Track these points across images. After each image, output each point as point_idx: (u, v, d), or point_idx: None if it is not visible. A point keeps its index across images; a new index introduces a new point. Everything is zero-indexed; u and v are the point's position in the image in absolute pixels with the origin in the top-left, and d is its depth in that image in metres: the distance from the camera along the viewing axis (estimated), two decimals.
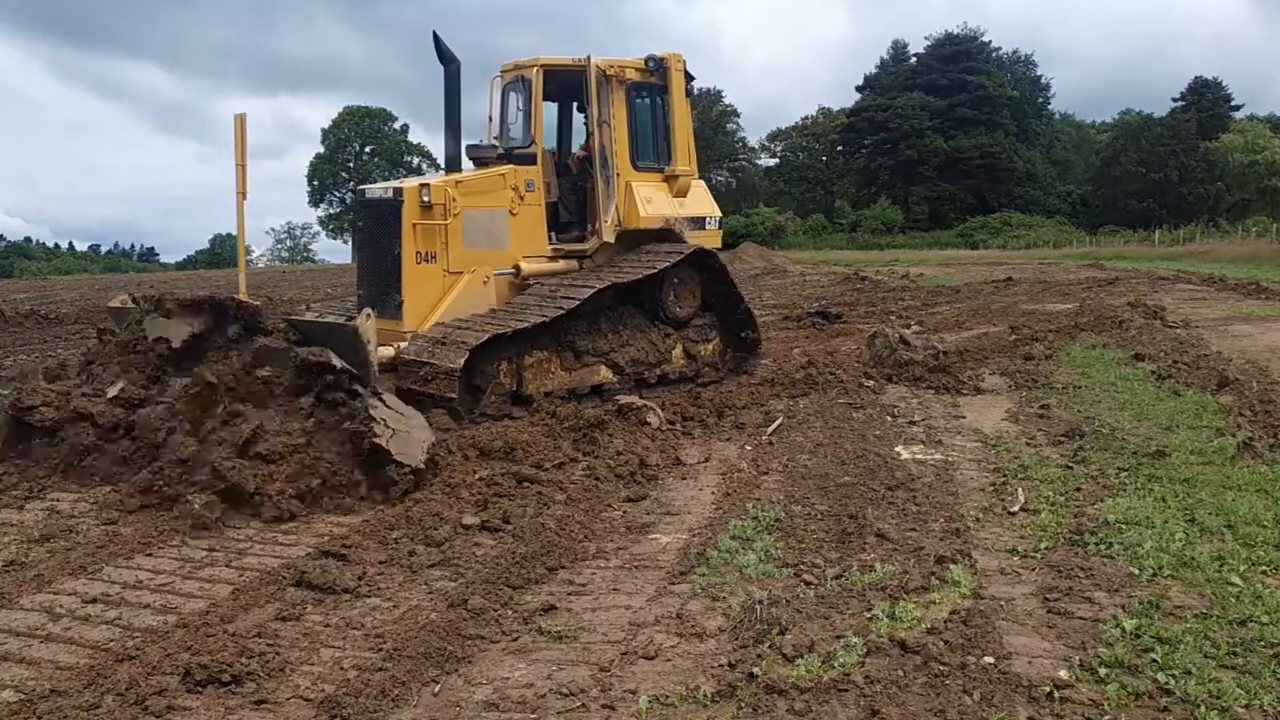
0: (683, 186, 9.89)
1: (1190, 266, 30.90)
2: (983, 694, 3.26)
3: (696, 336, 9.77)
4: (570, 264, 9.33)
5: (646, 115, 9.92)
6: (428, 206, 8.22)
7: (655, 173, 9.85)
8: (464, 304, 8.41)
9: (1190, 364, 9.86)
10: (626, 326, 9.11)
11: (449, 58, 8.71)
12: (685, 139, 9.91)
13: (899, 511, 5.43)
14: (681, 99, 9.83)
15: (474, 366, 7.79)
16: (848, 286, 26.52)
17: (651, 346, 9.24)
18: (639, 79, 9.58)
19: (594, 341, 8.77)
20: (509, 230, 8.90)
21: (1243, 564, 4.39)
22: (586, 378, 8.73)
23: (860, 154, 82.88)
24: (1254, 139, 68.11)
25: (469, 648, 3.80)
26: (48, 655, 3.83)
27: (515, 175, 8.91)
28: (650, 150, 9.97)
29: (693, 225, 9.90)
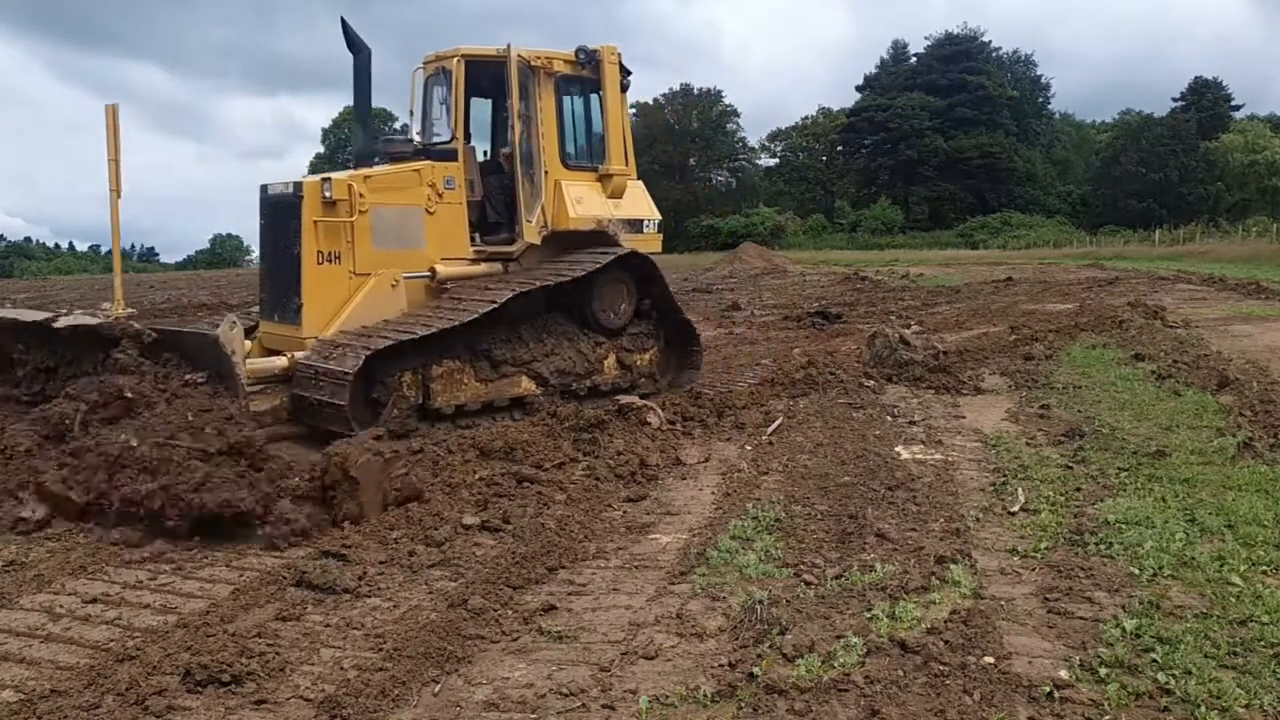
0: (618, 187, 9.33)
1: (1190, 266, 30.90)
2: (983, 694, 3.26)
3: (632, 346, 9.19)
4: (494, 267, 8.77)
5: (579, 111, 9.38)
6: (331, 203, 7.62)
7: (588, 172, 9.30)
8: (370, 309, 7.83)
9: (1190, 364, 9.86)
10: (552, 334, 8.57)
11: (358, 45, 8.21)
12: (620, 137, 9.36)
13: (899, 511, 5.43)
14: (616, 94, 9.27)
15: (373, 377, 7.25)
16: (848, 286, 26.52)
17: (580, 356, 8.70)
18: (569, 72, 9.04)
19: (514, 350, 8.20)
20: (424, 230, 8.33)
21: (1243, 564, 4.39)
22: (505, 389, 8.13)
23: (860, 154, 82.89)
24: (1254, 139, 68.09)
25: (469, 648, 3.80)
26: (48, 655, 3.83)
27: (433, 171, 8.35)
28: (583, 148, 9.46)
29: (629, 228, 9.36)
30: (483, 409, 7.97)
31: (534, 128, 8.73)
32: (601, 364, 8.92)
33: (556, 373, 8.46)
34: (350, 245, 7.80)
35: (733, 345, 13.88)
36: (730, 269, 39.73)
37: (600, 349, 8.90)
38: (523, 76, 8.63)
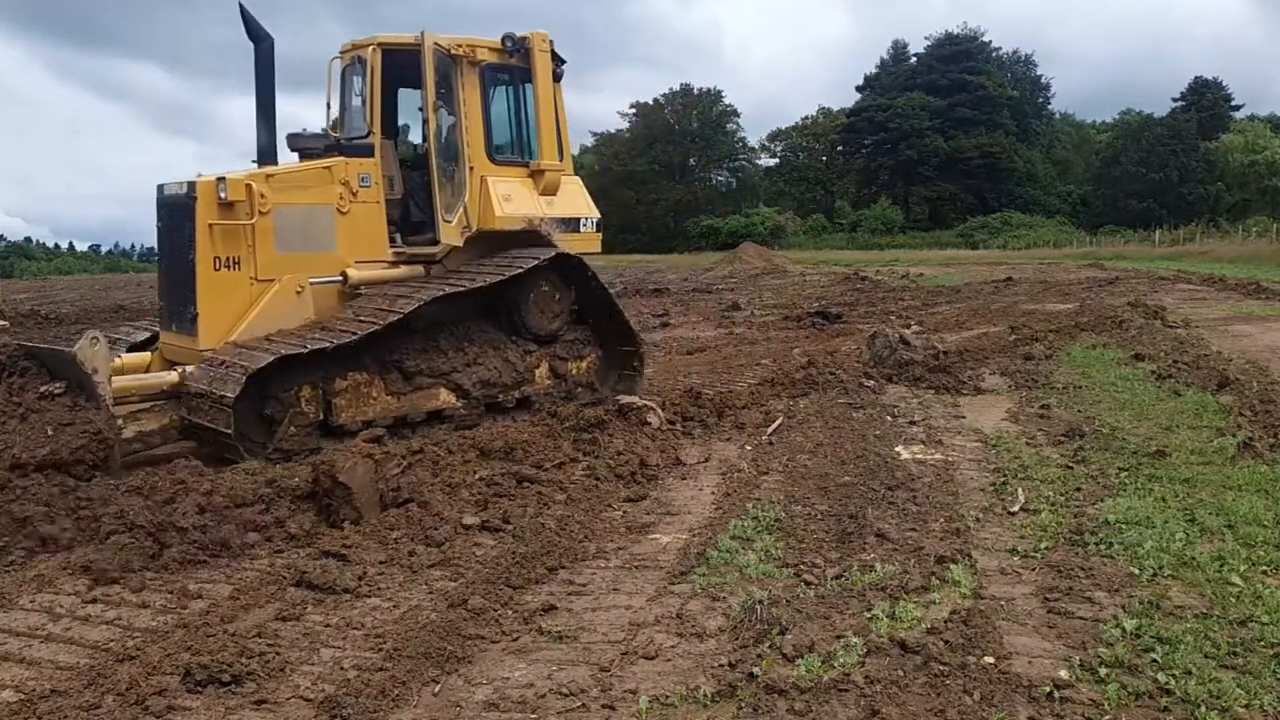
0: (550, 183, 8.73)
1: (1190, 266, 30.90)
2: (983, 694, 3.26)
3: (566, 353, 8.69)
4: (415, 270, 8.23)
5: (508, 102, 8.84)
6: (227, 204, 7.07)
7: (518, 167, 8.71)
8: (272, 317, 7.31)
9: (1190, 364, 9.86)
10: (474, 343, 8.03)
11: (259, 34, 7.66)
12: (553, 130, 8.74)
13: (899, 511, 5.43)
14: (547, 84, 8.65)
15: (266, 393, 6.79)
16: (848, 286, 26.52)
17: (507, 365, 8.17)
18: (497, 61, 8.47)
19: (430, 361, 7.68)
20: (336, 231, 7.76)
21: (1243, 564, 4.39)
22: (420, 403, 7.63)
23: (860, 154, 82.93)
24: (1254, 139, 68.09)
25: (469, 648, 3.80)
26: (48, 655, 3.84)
27: (346, 168, 7.80)
28: (512, 141, 8.88)
29: (564, 227, 8.79)
30: (394, 424, 7.47)
31: (458, 120, 8.21)
32: (532, 373, 8.40)
33: (479, 384, 7.96)
34: (251, 249, 7.27)
35: (733, 345, 13.87)
36: (730, 269, 39.73)
37: (531, 357, 8.40)
38: (442, 66, 8.10)
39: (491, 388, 8.08)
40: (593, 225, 9.23)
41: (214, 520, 5.12)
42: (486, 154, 8.43)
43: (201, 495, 5.33)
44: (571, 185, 9.12)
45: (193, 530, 4.99)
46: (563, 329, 8.67)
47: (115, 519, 5.16)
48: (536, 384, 8.48)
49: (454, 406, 7.84)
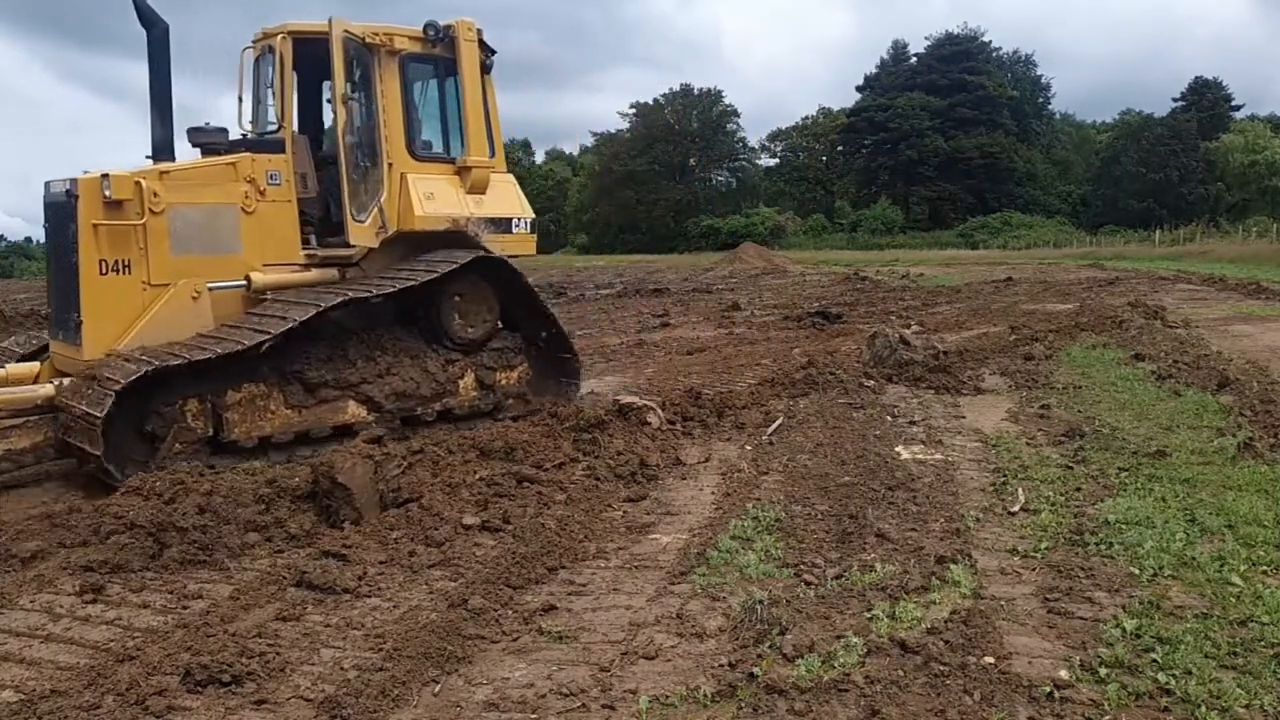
0: (479, 181, 8.25)
1: (1190, 266, 30.91)
2: (983, 694, 3.26)
3: (494, 362, 8.18)
4: (328, 274, 7.73)
5: (431, 94, 8.36)
6: (114, 204, 6.58)
7: (443, 164, 8.23)
8: (166, 325, 6.83)
9: (1190, 364, 9.86)
10: (387, 351, 7.54)
11: (151, 19, 7.19)
12: (481, 124, 8.25)
13: (899, 511, 5.43)
14: (475, 76, 8.14)
15: (148, 408, 6.34)
16: (848, 286, 26.53)
17: (426, 376, 7.68)
18: (419, 50, 8.00)
19: (337, 371, 7.19)
20: (241, 232, 7.26)
21: (1243, 564, 4.39)
22: (325, 417, 7.15)
23: (860, 154, 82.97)
24: (1254, 139, 68.11)
25: (469, 648, 3.80)
26: (48, 655, 3.84)
27: (252, 165, 7.32)
28: (436, 136, 8.40)
29: (493, 227, 8.30)
30: (296, 439, 7.02)
31: (375, 114, 7.76)
32: (455, 384, 7.89)
33: (393, 396, 7.47)
34: (143, 252, 6.76)
35: (733, 345, 13.87)
36: (730, 269, 39.74)
37: (453, 367, 7.89)
38: (356, 55, 7.64)
39: (407, 400, 7.58)
40: (526, 226, 8.71)
41: (214, 520, 5.12)
42: (407, 150, 7.97)
43: (201, 495, 5.34)
44: (503, 183, 8.66)
45: (193, 530, 4.99)
46: (489, 337, 8.16)
47: (115, 519, 5.18)
48: (461, 395, 7.95)
49: (364, 420, 7.33)
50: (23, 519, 5.59)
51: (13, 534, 5.25)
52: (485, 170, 8.31)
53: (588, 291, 27.62)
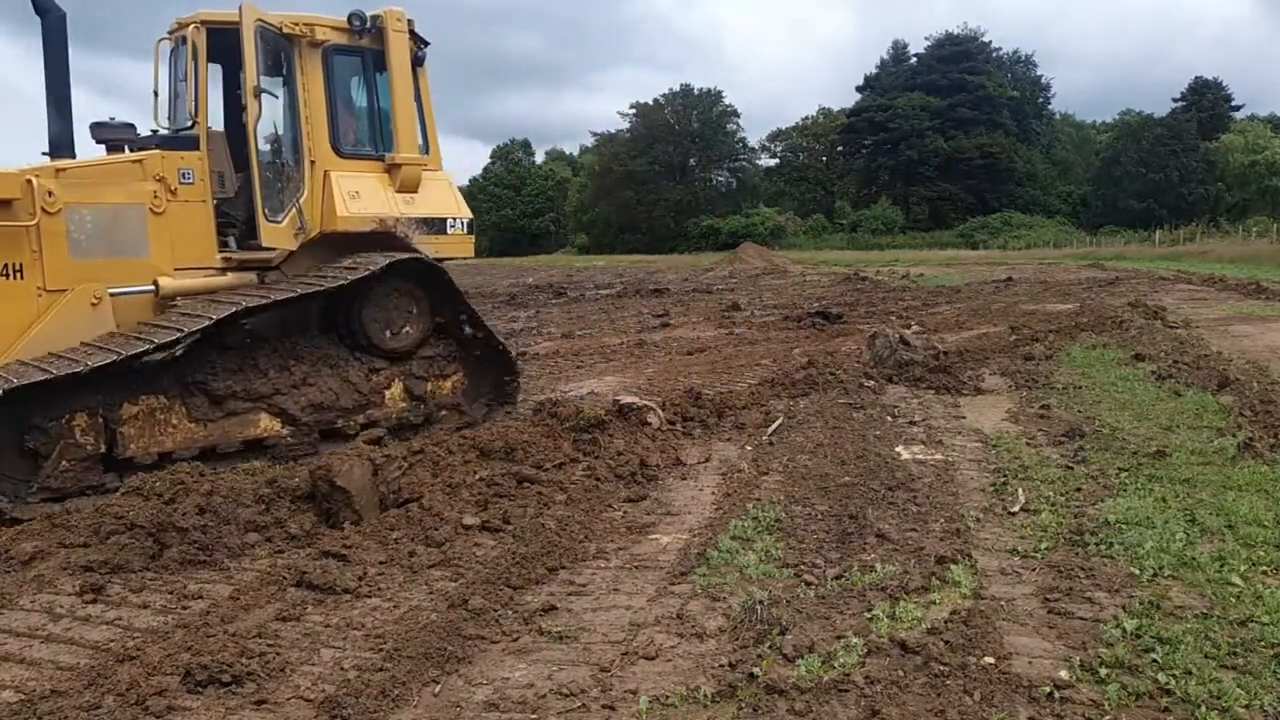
0: (410, 179, 7.84)
1: (1190, 267, 30.91)
2: (983, 694, 3.26)
3: (425, 372, 7.80)
4: (246, 277, 7.35)
5: (357, 88, 7.88)
6: (3, 203, 6.20)
7: (371, 161, 7.82)
8: (61, 333, 6.44)
9: (1190, 364, 9.86)
10: (304, 360, 7.13)
11: (45, 6, 6.77)
12: (412, 119, 7.86)
13: (899, 512, 5.43)
14: (405, 69, 7.74)
15: (29, 423, 5.96)
16: (848, 287, 26.55)
17: (347, 387, 7.28)
18: (344, 41, 7.56)
19: (246, 382, 6.80)
20: (149, 234, 6.86)
21: (1243, 564, 4.38)
22: (234, 431, 6.76)
23: (860, 154, 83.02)
24: (1254, 139, 68.16)
25: (469, 648, 3.80)
26: (48, 655, 3.84)
27: (162, 163, 6.91)
28: (364, 132, 7.95)
29: (426, 228, 7.91)
30: (202, 455, 6.60)
31: (297, 108, 7.39)
32: (381, 395, 7.50)
33: (311, 408, 7.06)
34: (36, 255, 6.37)
35: (733, 345, 13.88)
36: (730, 269, 39.77)
37: (378, 377, 7.50)
38: (273, 46, 7.24)
39: (326, 412, 7.16)
40: (462, 226, 8.26)
41: (214, 520, 5.12)
42: (332, 146, 7.55)
43: (201, 496, 5.34)
44: (438, 182, 8.24)
45: (193, 530, 4.99)
46: (418, 344, 7.73)
47: (115, 519, 5.18)
48: (387, 407, 7.55)
49: (278, 434, 6.94)
50: (22, 519, 5.59)
51: (13, 534, 5.26)
52: (416, 168, 7.92)
53: (588, 291, 27.63)
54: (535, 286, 30.76)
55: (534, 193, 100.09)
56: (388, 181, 7.84)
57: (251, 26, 7.03)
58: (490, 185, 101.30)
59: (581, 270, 46.00)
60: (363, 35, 7.65)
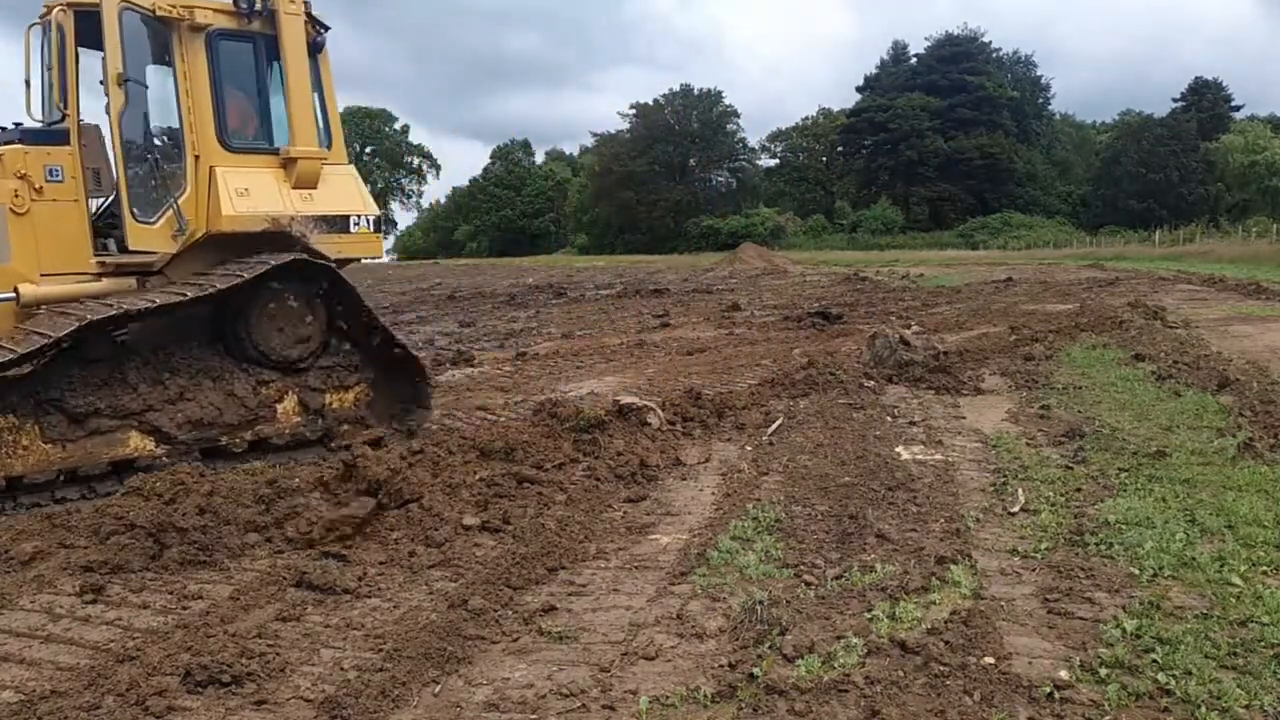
0: (307, 174, 7.25)
1: (1190, 267, 30.91)
2: (983, 694, 3.26)
3: (322, 383, 7.23)
4: (124, 283, 6.76)
5: (247, 76, 7.26)
6: None
7: (264, 155, 7.24)
8: None
9: (1190, 364, 9.85)
10: (180, 373, 6.56)
11: None
12: (309, 110, 7.29)
13: (899, 512, 5.42)
14: (300, 55, 7.21)
15: None
16: (848, 287, 26.55)
17: (231, 401, 6.72)
18: (230, 25, 6.99)
19: (112, 398, 6.23)
20: (9, 237, 6.38)
21: (1243, 564, 4.38)
22: (98, 451, 6.19)
23: (860, 154, 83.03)
24: (1254, 139, 68.18)
25: (469, 648, 3.80)
26: (48, 656, 3.84)
27: (24, 159, 6.41)
28: (256, 124, 7.37)
29: (327, 226, 7.27)
30: (63, 478, 6.08)
31: (178, 98, 6.85)
32: (272, 409, 6.95)
33: (188, 425, 6.50)
34: None
35: (733, 346, 13.88)
36: (730, 269, 39.79)
37: (268, 389, 6.95)
38: (147, 30, 6.67)
39: (207, 429, 6.62)
40: (368, 224, 7.63)
41: (214, 521, 5.12)
42: (218, 139, 6.94)
43: (202, 496, 5.34)
44: (340, 177, 7.64)
45: (193, 531, 4.99)
46: (313, 354, 7.17)
47: (115, 519, 5.18)
48: (280, 421, 7.00)
49: (152, 454, 6.38)
50: (22, 519, 5.59)
51: (13, 534, 5.26)
52: (314, 162, 7.32)
53: (588, 292, 27.64)
54: (535, 287, 30.77)
55: (534, 193, 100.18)
56: (283, 177, 7.25)
57: (114, 9, 6.45)
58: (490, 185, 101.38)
59: (581, 270, 46.01)
60: (252, 19, 7.06)
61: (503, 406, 9.26)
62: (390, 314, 21.85)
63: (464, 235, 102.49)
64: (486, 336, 16.33)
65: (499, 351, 13.92)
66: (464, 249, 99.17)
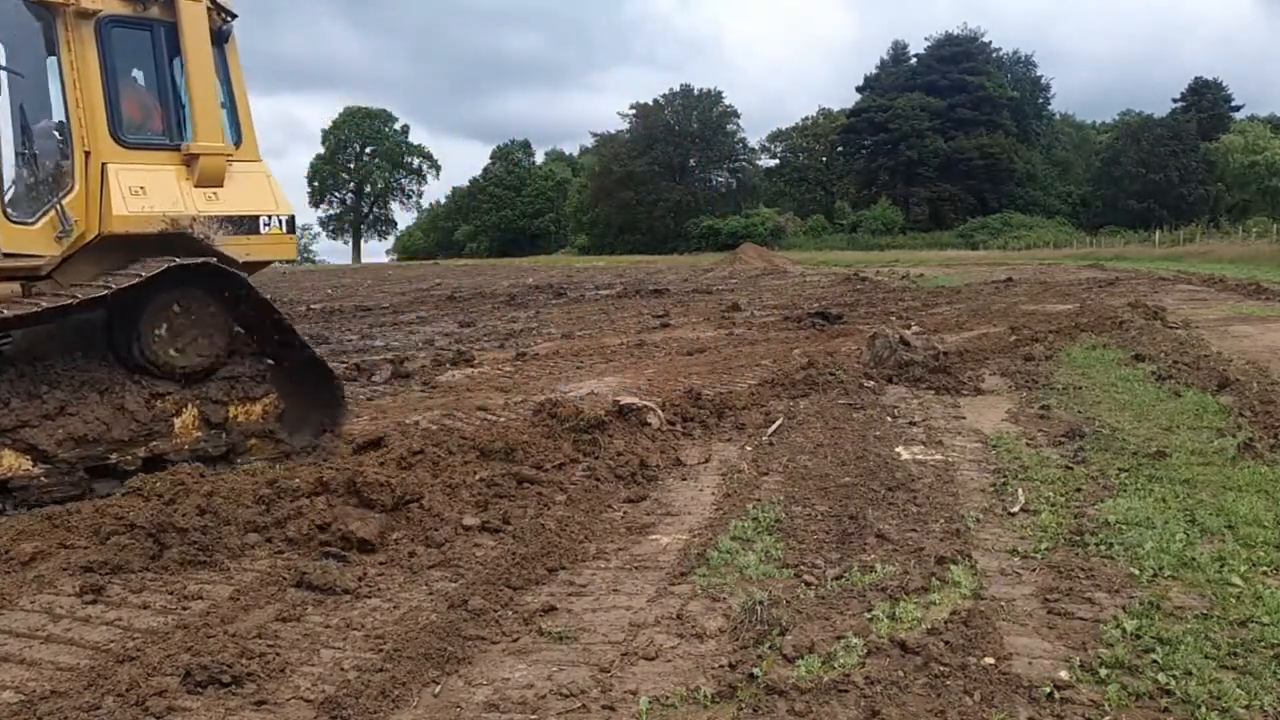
0: (210, 171, 6.76)
1: (1190, 267, 30.93)
2: (983, 695, 3.26)
3: (225, 395, 6.73)
4: (8, 288, 6.28)
5: (144, 67, 6.82)
6: None
7: (165, 152, 6.74)
8: None
9: (1190, 364, 9.86)
10: (61, 385, 6.08)
11: None
12: (212, 101, 6.83)
13: (899, 512, 5.43)
14: (202, 44, 6.74)
15: None
16: (848, 287, 26.56)
17: (121, 416, 6.20)
18: (123, 12, 6.52)
19: None
20: None
21: (1243, 564, 4.38)
22: None
23: (860, 155, 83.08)
24: (1254, 140, 68.26)
25: (469, 648, 3.80)
26: (48, 656, 3.83)
27: None
28: (155, 118, 6.86)
29: (234, 227, 6.82)
30: None
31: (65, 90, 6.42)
32: (168, 423, 6.44)
33: (71, 442, 5.99)
34: None
35: (733, 346, 13.88)
36: (730, 269, 39.82)
37: (164, 403, 6.43)
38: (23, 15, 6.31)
39: (93, 446, 6.09)
40: (281, 224, 7.12)
41: (214, 521, 5.12)
42: (111, 134, 6.43)
43: (202, 496, 5.34)
44: (250, 175, 7.14)
45: (193, 531, 4.99)
46: (214, 363, 6.68)
47: (115, 520, 5.18)
48: (177, 437, 6.49)
49: (29, 474, 5.88)
50: (23, 519, 5.59)
51: (13, 534, 5.25)
52: (219, 159, 6.83)
53: (588, 292, 27.65)
54: (535, 287, 30.78)
55: (534, 193, 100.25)
56: (182, 174, 6.75)
57: None
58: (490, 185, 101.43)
59: (581, 271, 46.01)
60: (148, 4, 6.60)
61: (503, 406, 9.26)
62: (390, 314, 21.87)
63: (464, 235, 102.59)
64: (486, 337, 16.34)
65: (499, 352, 13.92)
66: (464, 249, 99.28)
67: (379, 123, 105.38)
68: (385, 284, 36.65)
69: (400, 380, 11.26)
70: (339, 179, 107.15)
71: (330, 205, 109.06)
